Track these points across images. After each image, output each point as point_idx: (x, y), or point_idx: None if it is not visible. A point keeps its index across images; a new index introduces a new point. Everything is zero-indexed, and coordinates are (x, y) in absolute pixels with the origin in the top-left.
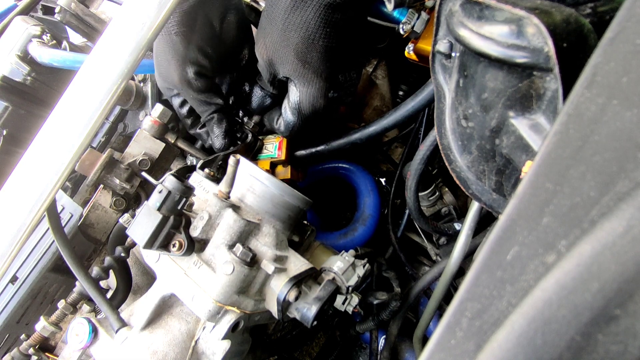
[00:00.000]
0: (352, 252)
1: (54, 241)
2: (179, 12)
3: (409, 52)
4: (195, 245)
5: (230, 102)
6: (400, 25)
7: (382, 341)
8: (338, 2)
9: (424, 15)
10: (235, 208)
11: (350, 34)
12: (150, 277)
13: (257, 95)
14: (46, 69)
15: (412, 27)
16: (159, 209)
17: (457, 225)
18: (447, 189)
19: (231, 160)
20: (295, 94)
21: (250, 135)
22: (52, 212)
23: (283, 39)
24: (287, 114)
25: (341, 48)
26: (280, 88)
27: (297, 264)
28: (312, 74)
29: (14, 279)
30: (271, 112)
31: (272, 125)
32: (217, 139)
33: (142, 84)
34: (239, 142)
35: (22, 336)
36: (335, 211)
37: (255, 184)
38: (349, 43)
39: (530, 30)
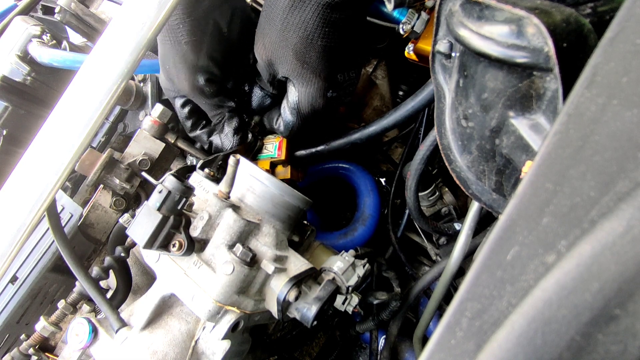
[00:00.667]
0: (352, 252)
1: (54, 241)
2: (190, 21)
3: (409, 52)
4: (195, 245)
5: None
6: (400, 25)
7: (382, 341)
8: (337, 2)
9: (423, 15)
10: (235, 208)
11: (349, 34)
12: (150, 277)
13: (257, 95)
14: (46, 69)
15: (412, 27)
16: (159, 209)
17: (457, 225)
18: (447, 189)
19: (231, 160)
20: (294, 94)
21: (250, 135)
22: (52, 212)
23: (282, 39)
24: (286, 114)
25: (340, 48)
26: (279, 88)
27: (297, 264)
28: (311, 74)
29: (14, 279)
30: (271, 112)
31: (271, 126)
32: (226, 137)
33: (142, 84)
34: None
35: (22, 336)
36: (335, 211)
37: (255, 184)
38: (347, 43)
39: (530, 30)
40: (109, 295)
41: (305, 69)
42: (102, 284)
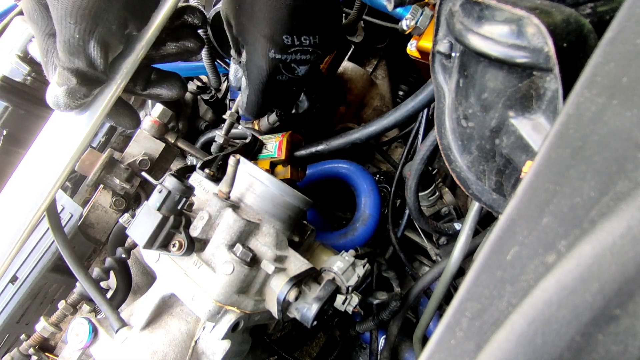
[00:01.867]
0: (352, 252)
1: (54, 241)
2: None
3: (411, 49)
4: (195, 245)
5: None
6: (403, 21)
7: (382, 341)
8: None
9: (427, 10)
10: (235, 208)
11: None
12: (150, 277)
13: (232, 69)
14: None
15: (416, 23)
16: (159, 209)
17: (457, 225)
18: (447, 189)
19: (231, 160)
20: (244, 59)
21: (250, 136)
22: (52, 212)
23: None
24: (244, 87)
25: (290, 7)
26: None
27: (297, 264)
28: (255, 31)
29: (14, 279)
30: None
31: (238, 107)
32: None
33: None
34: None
35: (22, 336)
36: (335, 211)
37: (255, 184)
38: (301, 3)
39: (530, 30)
40: (109, 295)
41: (250, 26)
42: (102, 284)
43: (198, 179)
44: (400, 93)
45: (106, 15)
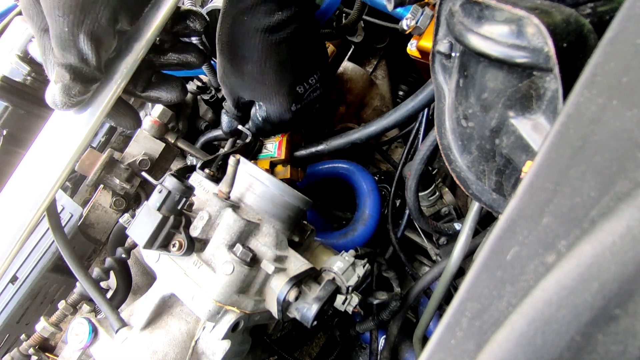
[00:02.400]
0: (352, 252)
1: (54, 241)
2: None
3: (412, 48)
4: (195, 245)
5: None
6: (404, 21)
7: (382, 341)
8: (274, 25)
9: (427, 10)
10: (235, 208)
11: (297, 47)
12: (150, 277)
13: (225, 120)
14: None
15: (417, 23)
16: (159, 209)
17: (457, 225)
18: (447, 189)
19: (231, 160)
20: (262, 109)
21: (250, 136)
22: (52, 212)
23: (237, 69)
24: (257, 120)
25: (291, 62)
26: (244, 110)
27: (297, 264)
28: (272, 92)
29: (14, 279)
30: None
31: (248, 133)
32: None
33: None
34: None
35: (22, 336)
36: (335, 211)
37: (255, 184)
38: (298, 56)
39: (530, 30)
40: (109, 295)
41: (264, 89)
42: (103, 284)
43: (198, 179)
44: (400, 93)
45: (94, 7)
